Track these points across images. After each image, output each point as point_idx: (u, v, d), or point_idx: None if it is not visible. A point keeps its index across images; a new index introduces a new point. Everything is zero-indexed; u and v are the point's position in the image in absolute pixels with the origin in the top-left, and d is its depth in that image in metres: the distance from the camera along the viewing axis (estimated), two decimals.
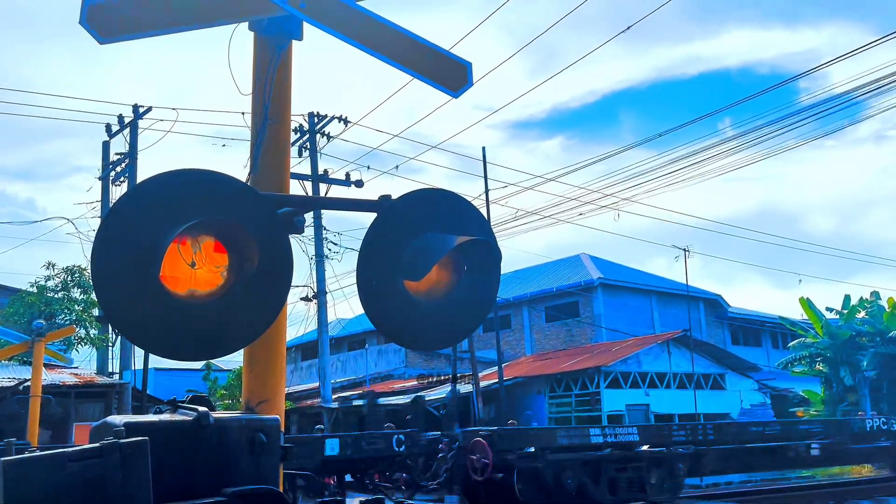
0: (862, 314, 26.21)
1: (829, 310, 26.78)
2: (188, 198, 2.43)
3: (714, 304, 35.00)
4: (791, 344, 27.56)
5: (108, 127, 23.96)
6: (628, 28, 14.85)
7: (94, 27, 2.68)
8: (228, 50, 3.28)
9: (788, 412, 27.02)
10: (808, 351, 26.16)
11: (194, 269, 2.50)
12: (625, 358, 23.74)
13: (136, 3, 2.80)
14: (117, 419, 2.64)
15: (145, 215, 2.36)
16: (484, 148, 22.05)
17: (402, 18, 3.28)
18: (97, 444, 2.30)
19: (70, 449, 2.30)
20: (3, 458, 2.16)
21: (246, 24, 3.23)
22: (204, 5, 2.96)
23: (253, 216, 2.54)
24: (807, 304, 26.38)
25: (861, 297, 26.98)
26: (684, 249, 25.42)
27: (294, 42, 3.35)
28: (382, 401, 26.30)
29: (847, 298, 26.90)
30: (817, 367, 26.02)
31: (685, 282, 26.77)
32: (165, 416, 2.90)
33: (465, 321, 3.15)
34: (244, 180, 3.11)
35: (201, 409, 2.71)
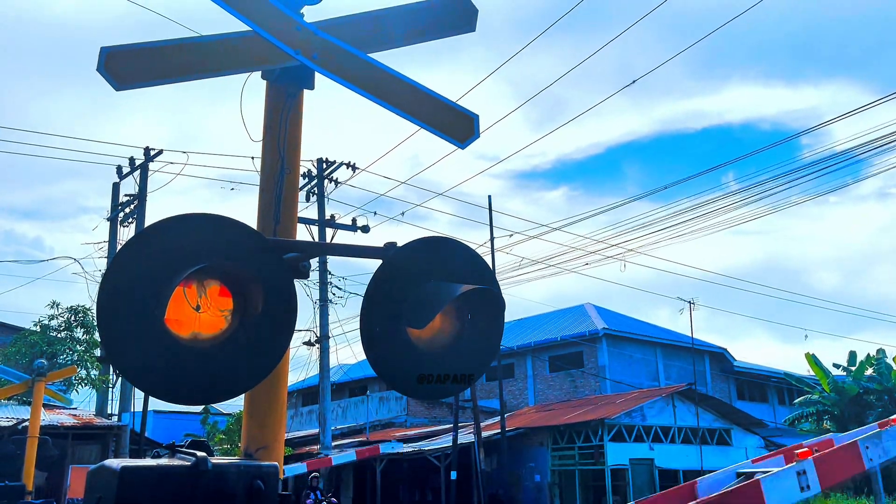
0: (869, 371, 25.93)
1: (836, 366, 26.51)
2: (196, 242, 2.45)
3: (719, 358, 34.70)
4: (797, 400, 27.22)
5: (119, 169, 24.28)
6: (633, 82, 15.10)
7: (112, 74, 2.75)
8: (241, 98, 3.35)
9: None
10: (815, 408, 25.80)
11: (199, 312, 2.51)
12: (629, 410, 23.44)
13: (152, 52, 2.88)
14: (114, 462, 2.62)
15: (153, 258, 2.38)
16: (490, 196, 22.25)
17: (411, 70, 3.36)
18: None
19: None
20: None
21: (259, 72, 3.31)
22: (219, 54, 3.04)
23: (259, 261, 2.55)
24: (813, 359, 26.13)
25: (868, 354, 26.71)
26: (689, 302, 25.35)
27: (305, 90, 3.43)
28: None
29: (853, 355, 26.65)
30: (824, 424, 25.62)
31: (690, 334, 26.61)
32: (163, 461, 2.88)
33: (468, 370, 3.13)
34: (260, 228, 3.14)
35: (199, 453, 2.69)
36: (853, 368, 25.80)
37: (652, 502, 5.40)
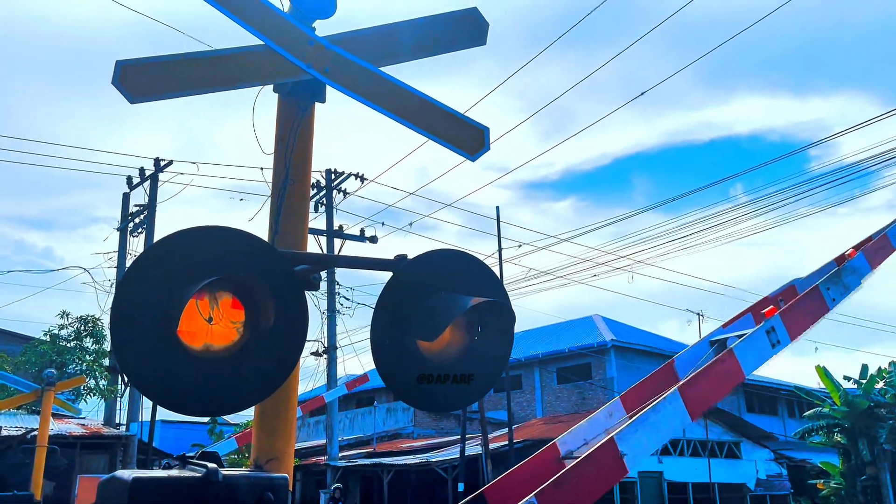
0: (880, 384, 25.69)
1: (847, 379, 26.29)
2: (208, 254, 2.47)
3: None
4: (807, 413, 26.99)
5: (130, 179, 24.45)
6: (642, 94, 15.13)
7: (126, 87, 2.78)
8: (253, 111, 3.38)
9: (807, 484, 26.27)
10: (826, 421, 25.57)
11: (211, 324, 2.52)
12: None
13: (166, 65, 2.91)
14: (125, 473, 2.62)
15: (166, 271, 2.40)
16: (498, 207, 22.24)
17: (420, 82, 3.38)
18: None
19: None
20: None
21: (271, 86, 3.34)
22: (232, 68, 3.07)
23: (271, 273, 2.57)
24: (823, 372, 25.92)
25: (879, 367, 26.49)
26: (698, 313, 25.25)
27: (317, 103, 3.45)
28: (387, 461, 25.85)
29: (865, 368, 26.42)
30: (835, 437, 25.38)
31: None
32: (174, 472, 2.89)
33: (477, 383, 3.13)
34: (271, 239, 3.16)
35: (210, 465, 2.70)
36: (864, 381, 25.58)
37: (636, 387, 5.38)
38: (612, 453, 4.02)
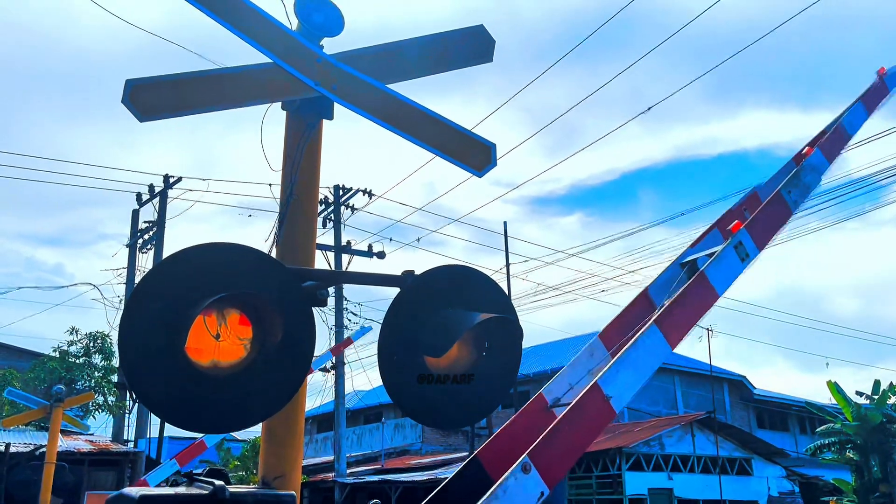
0: (893, 400, 25.42)
1: (859, 394, 26.03)
2: (216, 271, 2.48)
3: (739, 386, 34.22)
4: (819, 430, 26.71)
5: (139, 196, 24.60)
6: (649, 109, 15.14)
7: (136, 106, 2.80)
8: (261, 128, 3.40)
9: (819, 501, 25.96)
10: (838, 438, 25.29)
11: (218, 341, 2.53)
12: (647, 439, 23.11)
13: (175, 84, 2.94)
14: (133, 491, 2.62)
15: (175, 288, 2.41)
16: (505, 223, 22.28)
17: (427, 98, 3.40)
18: None
19: None
20: None
21: (279, 103, 3.36)
22: (240, 86, 3.09)
23: (278, 290, 2.57)
24: (835, 388, 25.68)
25: (891, 383, 26.22)
26: (707, 329, 25.06)
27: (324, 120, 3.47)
28: (395, 477, 25.70)
29: (877, 383, 26.16)
30: (847, 454, 25.08)
31: (709, 361, 26.30)
32: (181, 489, 2.88)
33: (485, 399, 3.12)
34: (278, 256, 3.17)
35: (217, 482, 2.69)
36: (876, 397, 25.31)
37: (614, 322, 5.29)
38: (599, 398, 3.98)
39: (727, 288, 4.71)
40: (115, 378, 23.82)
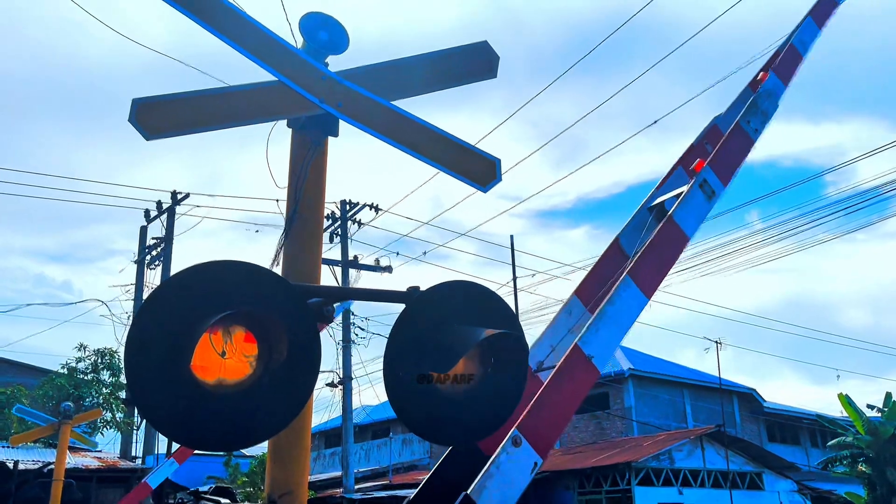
0: None
1: (871, 407, 25.80)
2: (222, 288, 2.48)
3: (748, 399, 33.96)
4: (831, 443, 26.45)
5: (147, 212, 24.73)
6: (654, 123, 15.18)
7: (142, 125, 2.83)
8: (267, 145, 3.42)
9: None
10: (850, 451, 25.05)
11: (224, 358, 2.53)
12: (657, 453, 22.93)
13: (181, 103, 2.96)
14: None
15: (180, 305, 2.41)
16: (512, 236, 22.31)
17: (431, 113, 3.42)
18: None
19: None
20: None
21: (285, 121, 3.38)
22: (245, 104, 3.12)
23: (284, 307, 2.58)
24: (846, 400, 25.45)
25: None
26: (716, 341, 24.93)
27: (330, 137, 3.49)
28: (404, 493, 25.54)
29: (889, 396, 25.92)
30: (859, 467, 24.82)
31: (718, 374, 26.13)
32: None
33: (490, 415, 3.10)
34: (284, 272, 3.18)
35: (224, 500, 2.68)
36: (888, 410, 25.07)
37: (588, 277, 5.16)
38: (581, 360, 3.93)
39: (697, 229, 4.66)
40: (123, 395, 23.84)
